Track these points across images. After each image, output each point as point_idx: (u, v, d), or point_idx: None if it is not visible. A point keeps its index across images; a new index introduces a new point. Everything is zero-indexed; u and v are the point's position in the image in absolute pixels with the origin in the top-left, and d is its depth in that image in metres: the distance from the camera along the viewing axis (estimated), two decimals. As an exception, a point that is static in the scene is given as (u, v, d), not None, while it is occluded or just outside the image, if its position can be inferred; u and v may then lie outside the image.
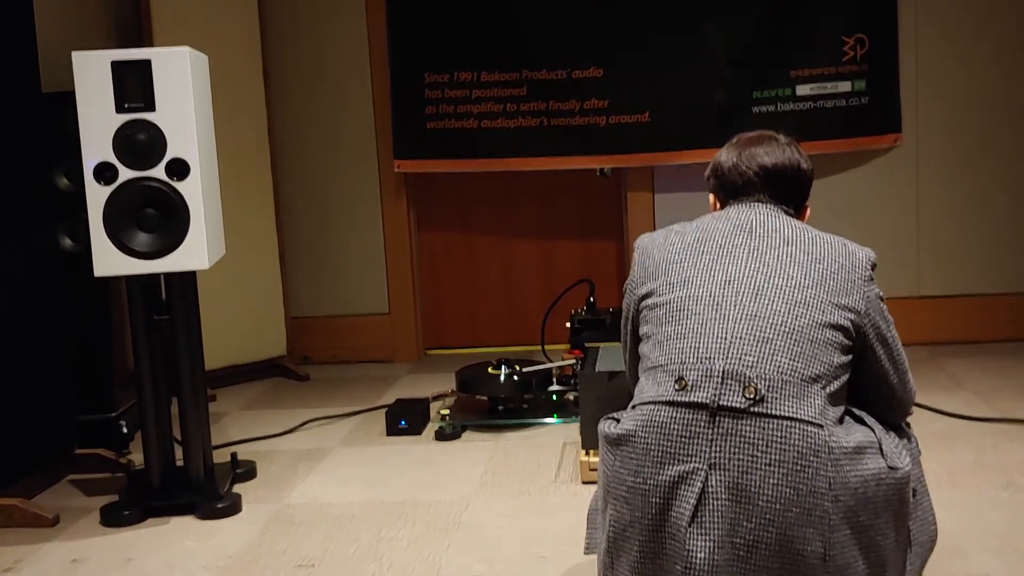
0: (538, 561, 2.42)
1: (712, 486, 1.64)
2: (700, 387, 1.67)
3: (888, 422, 1.85)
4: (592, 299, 3.86)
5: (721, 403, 1.65)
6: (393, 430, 3.51)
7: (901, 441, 1.83)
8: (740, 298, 1.74)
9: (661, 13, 4.26)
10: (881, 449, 1.70)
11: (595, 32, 4.29)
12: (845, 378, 1.74)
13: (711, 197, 2.03)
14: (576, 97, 4.32)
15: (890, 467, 1.69)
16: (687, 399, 1.67)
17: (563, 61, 4.32)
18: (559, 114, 4.35)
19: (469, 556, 2.47)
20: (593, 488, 1.98)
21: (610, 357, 3.10)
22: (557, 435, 3.40)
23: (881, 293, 1.82)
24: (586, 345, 3.44)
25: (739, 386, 1.66)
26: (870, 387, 1.83)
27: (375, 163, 4.56)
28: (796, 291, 1.74)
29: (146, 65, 2.69)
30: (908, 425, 1.94)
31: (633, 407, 1.76)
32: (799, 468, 1.62)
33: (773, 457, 1.62)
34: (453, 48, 4.37)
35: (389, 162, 4.51)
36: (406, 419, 3.51)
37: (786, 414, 1.64)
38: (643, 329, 1.85)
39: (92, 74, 2.68)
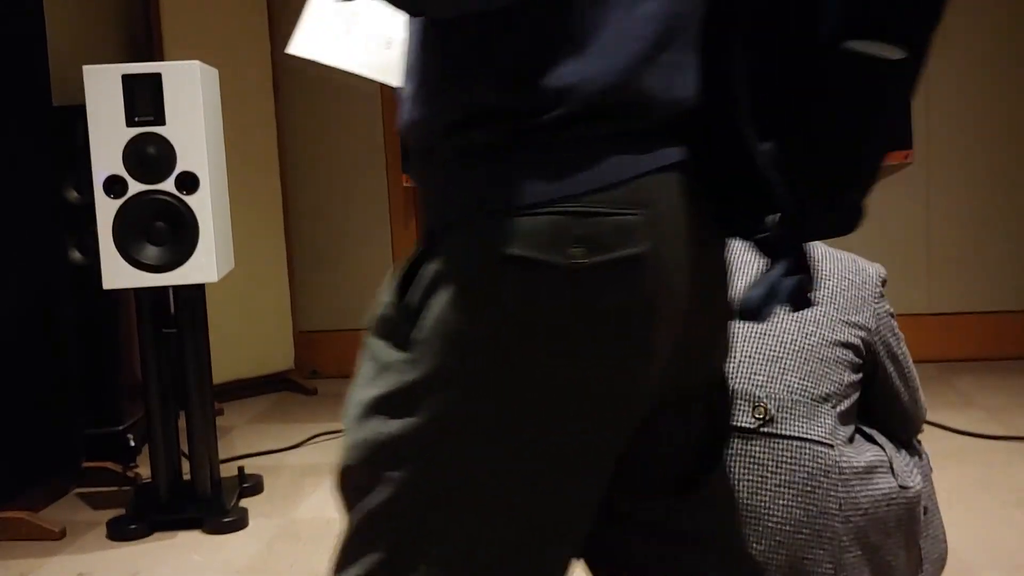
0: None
1: (721, 507, 1.63)
2: (709, 406, 1.66)
3: (898, 439, 1.83)
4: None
5: (730, 423, 1.64)
6: (400, 445, 3.49)
7: (912, 459, 1.82)
8: (749, 315, 1.73)
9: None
10: (892, 468, 1.69)
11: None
12: (856, 396, 1.73)
13: (720, 213, 2.02)
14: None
15: (901, 486, 1.68)
16: (696, 418, 1.66)
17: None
18: (568, 129, 4.35)
19: (476, 572, 2.46)
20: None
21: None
22: (565, 451, 3.38)
23: (891, 310, 1.81)
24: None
25: (748, 406, 1.64)
26: (881, 404, 1.82)
27: (384, 177, 4.57)
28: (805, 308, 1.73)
29: (156, 79, 2.70)
30: (919, 442, 1.92)
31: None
32: (809, 489, 1.61)
33: (783, 478, 1.61)
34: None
35: (398, 176, 4.51)
36: (413, 434, 3.49)
37: (796, 434, 1.63)
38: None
39: (102, 87, 2.68)
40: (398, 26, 1.51)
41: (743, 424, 1.63)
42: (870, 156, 0.99)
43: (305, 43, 2.15)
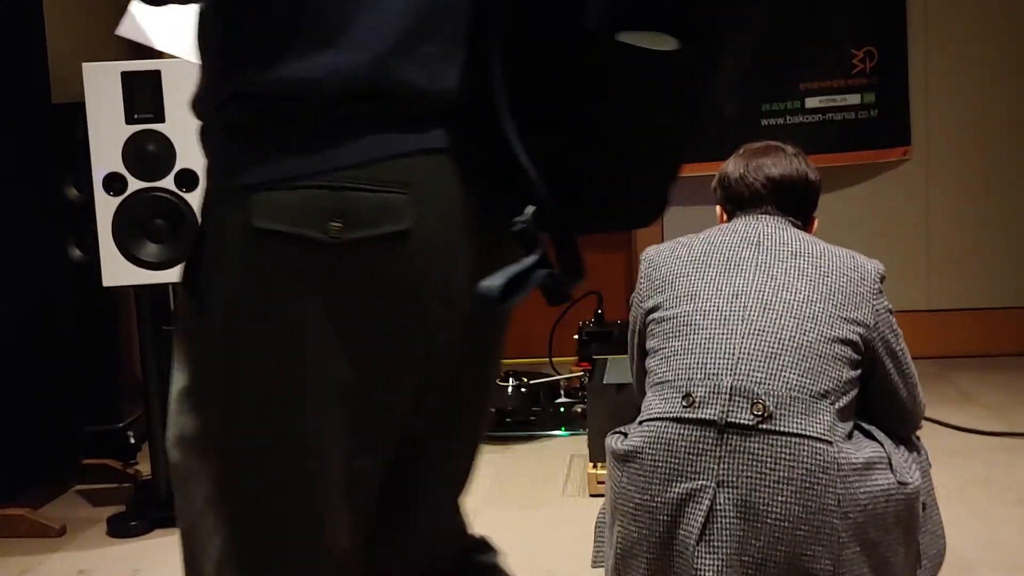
0: (546, 575, 2.41)
1: (720, 504, 1.63)
2: (708, 404, 1.66)
3: (897, 436, 1.83)
4: (600, 311, 3.86)
5: (729, 420, 1.64)
6: (400, 442, 3.50)
7: (911, 455, 1.82)
8: (748, 312, 1.73)
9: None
10: (890, 464, 1.69)
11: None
12: (854, 393, 1.73)
13: (718, 209, 2.02)
14: (585, 109, 4.32)
15: (900, 482, 1.68)
16: (695, 416, 1.66)
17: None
18: (568, 126, 4.34)
19: (476, 569, 2.46)
20: (601, 501, 1.98)
21: (618, 369, 3.09)
22: (564, 448, 3.39)
23: (890, 306, 1.81)
24: (594, 357, 3.44)
25: (747, 403, 1.64)
26: (879, 401, 1.82)
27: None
28: (804, 305, 1.73)
29: (156, 76, 2.70)
30: (918, 439, 1.92)
31: (640, 423, 1.75)
32: (808, 485, 1.61)
33: (781, 474, 1.61)
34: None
35: (398, 173, 4.51)
36: (413, 431, 3.50)
37: (794, 431, 1.63)
38: (650, 343, 1.84)
39: (102, 85, 2.68)
40: None
41: (742, 421, 1.63)
42: (656, 150, 0.97)
43: (133, 25, 2.21)
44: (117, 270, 2.71)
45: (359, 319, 0.94)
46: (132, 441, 3.43)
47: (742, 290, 1.76)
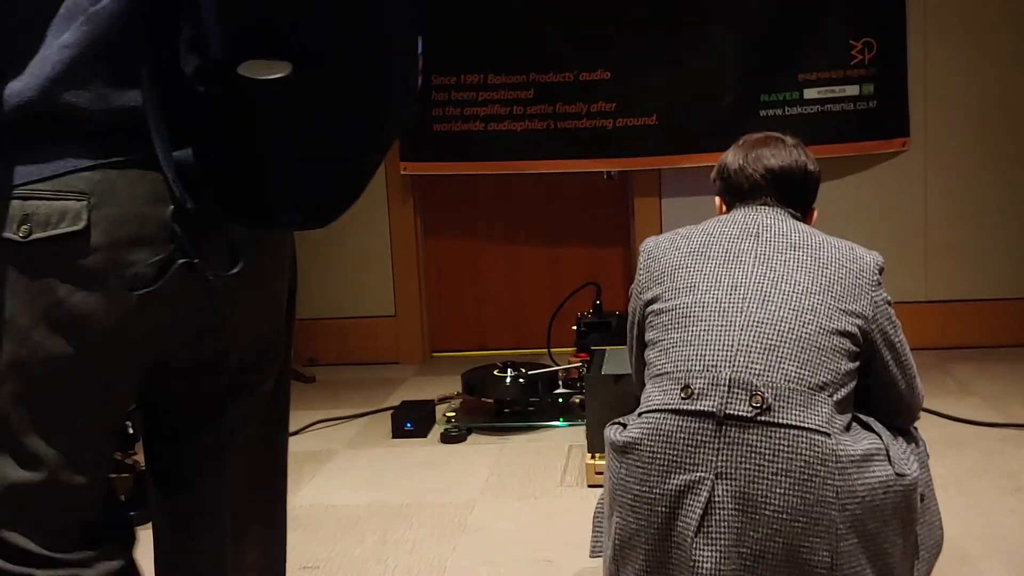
0: (544, 565, 2.41)
1: (718, 495, 1.63)
2: (706, 395, 1.66)
3: (896, 427, 1.84)
4: (599, 302, 3.86)
5: (728, 412, 1.64)
6: (399, 432, 3.50)
7: (909, 446, 1.82)
8: (747, 304, 1.73)
9: (669, 15, 4.25)
10: (888, 456, 1.69)
11: (602, 34, 4.29)
12: (852, 385, 1.73)
13: (717, 200, 2.02)
14: (583, 100, 4.32)
15: (897, 474, 1.68)
16: (693, 407, 1.66)
17: (570, 63, 4.32)
18: (566, 116, 4.34)
19: (475, 559, 2.47)
20: (599, 491, 1.98)
21: (616, 360, 3.09)
22: (563, 438, 3.39)
23: (889, 298, 1.81)
24: (592, 348, 3.44)
25: (746, 394, 1.64)
26: (878, 392, 1.82)
27: (381, 165, 4.55)
28: (803, 297, 1.73)
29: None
30: (916, 430, 1.92)
31: (639, 414, 1.75)
32: (806, 477, 1.61)
33: (780, 466, 1.61)
34: (460, 50, 4.37)
35: (396, 164, 4.51)
36: (412, 421, 3.50)
37: (793, 423, 1.63)
38: (649, 335, 1.84)
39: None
40: None
41: (740, 412, 1.63)
42: (294, 164, 1.11)
43: None
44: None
45: (58, 303, 1.13)
46: (131, 431, 3.42)
47: (741, 281, 1.76)
